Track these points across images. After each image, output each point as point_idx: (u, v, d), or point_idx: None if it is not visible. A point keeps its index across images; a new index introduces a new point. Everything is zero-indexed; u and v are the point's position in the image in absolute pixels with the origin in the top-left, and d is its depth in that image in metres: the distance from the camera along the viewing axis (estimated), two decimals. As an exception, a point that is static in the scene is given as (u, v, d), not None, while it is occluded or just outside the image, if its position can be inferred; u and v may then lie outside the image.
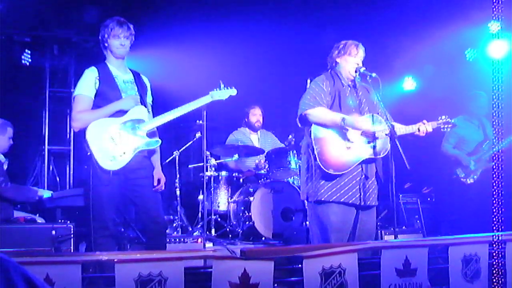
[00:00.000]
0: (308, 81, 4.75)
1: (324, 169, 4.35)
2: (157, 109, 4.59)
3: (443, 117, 4.70)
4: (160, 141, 4.38)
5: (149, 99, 4.56)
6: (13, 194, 5.30)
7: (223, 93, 4.61)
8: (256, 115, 7.52)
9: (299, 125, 4.60)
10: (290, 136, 6.81)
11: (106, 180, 4.09)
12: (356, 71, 4.63)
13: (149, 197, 4.30)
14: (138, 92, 4.39)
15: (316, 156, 4.38)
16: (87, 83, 4.24)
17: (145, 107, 4.40)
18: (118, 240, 4.48)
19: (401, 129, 4.58)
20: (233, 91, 4.67)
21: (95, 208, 4.12)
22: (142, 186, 4.28)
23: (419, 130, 4.63)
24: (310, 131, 4.46)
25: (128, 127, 4.22)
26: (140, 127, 4.26)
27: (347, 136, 4.45)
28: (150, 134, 4.34)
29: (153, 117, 4.47)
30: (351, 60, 4.63)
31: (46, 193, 5.55)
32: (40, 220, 5.40)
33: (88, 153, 4.11)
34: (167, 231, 5.19)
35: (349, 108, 4.54)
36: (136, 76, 4.48)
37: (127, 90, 4.34)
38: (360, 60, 4.66)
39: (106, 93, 4.24)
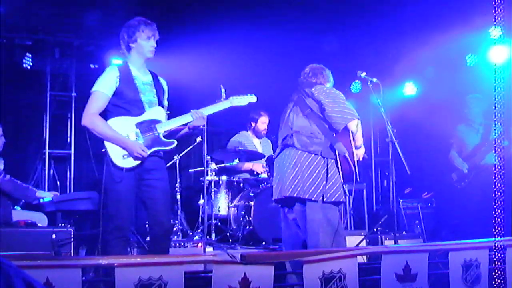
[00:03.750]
0: (319, 87, 4.76)
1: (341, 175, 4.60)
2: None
3: None
4: (175, 142, 4.36)
5: (165, 102, 4.56)
6: (11, 188, 5.29)
7: (243, 100, 4.65)
8: (264, 124, 7.52)
9: (339, 131, 4.69)
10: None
11: (119, 177, 4.08)
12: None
13: (159, 200, 4.27)
14: (156, 94, 4.38)
15: (339, 162, 4.59)
16: (107, 81, 4.22)
17: (163, 108, 4.40)
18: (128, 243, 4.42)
19: None
20: (253, 98, 4.70)
21: (108, 206, 4.12)
22: (154, 187, 4.26)
23: None
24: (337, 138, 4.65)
25: (145, 126, 4.22)
26: (156, 128, 4.26)
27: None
28: (166, 136, 4.34)
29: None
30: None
31: (46, 195, 5.55)
32: (42, 216, 5.39)
33: (103, 150, 4.13)
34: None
35: None
36: (155, 78, 4.48)
37: (146, 91, 4.32)
38: None
39: (125, 93, 4.22)
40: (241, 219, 6.61)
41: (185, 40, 7.06)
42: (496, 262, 3.61)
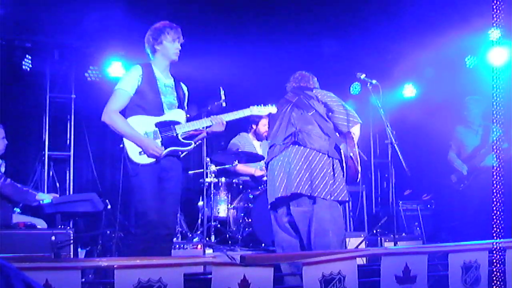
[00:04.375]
0: (319, 91, 4.82)
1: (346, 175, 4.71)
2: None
3: None
4: (193, 144, 4.44)
5: (185, 106, 4.60)
6: (11, 192, 5.28)
7: (263, 110, 4.76)
8: (265, 126, 7.50)
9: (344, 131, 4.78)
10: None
11: (134, 172, 4.15)
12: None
13: (169, 202, 4.32)
14: (177, 97, 4.45)
15: (344, 162, 4.68)
16: (130, 80, 4.30)
17: (183, 110, 4.46)
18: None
19: None
20: (273, 109, 4.82)
21: (134, 202, 4.21)
22: (167, 188, 4.31)
23: None
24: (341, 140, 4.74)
25: (164, 126, 4.28)
26: (175, 128, 4.31)
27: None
28: (185, 137, 4.38)
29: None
30: None
31: (45, 198, 5.53)
32: (42, 222, 5.38)
33: (121, 145, 4.19)
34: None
35: None
36: (177, 82, 4.54)
37: (167, 94, 4.39)
38: None
39: (146, 93, 4.29)
40: (241, 221, 6.60)
41: (185, 42, 7.06)
42: (496, 264, 3.61)
